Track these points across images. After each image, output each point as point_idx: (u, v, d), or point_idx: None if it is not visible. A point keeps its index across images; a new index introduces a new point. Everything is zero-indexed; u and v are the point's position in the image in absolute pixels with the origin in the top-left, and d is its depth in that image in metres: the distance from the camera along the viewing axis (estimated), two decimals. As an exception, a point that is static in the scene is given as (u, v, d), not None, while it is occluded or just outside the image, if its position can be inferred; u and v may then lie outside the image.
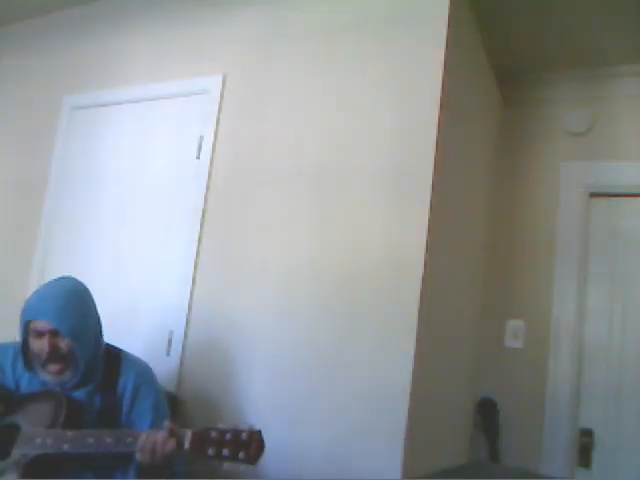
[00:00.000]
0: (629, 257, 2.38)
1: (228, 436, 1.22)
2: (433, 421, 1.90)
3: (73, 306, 1.47)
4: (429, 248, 1.73)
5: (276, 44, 2.15)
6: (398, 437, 1.62)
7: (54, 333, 1.42)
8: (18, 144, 2.84)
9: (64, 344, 1.42)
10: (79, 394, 1.47)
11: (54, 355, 1.42)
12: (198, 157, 2.20)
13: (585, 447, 2.29)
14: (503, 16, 2.21)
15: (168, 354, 2.06)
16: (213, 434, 1.23)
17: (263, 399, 1.86)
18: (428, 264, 1.73)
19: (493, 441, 2.36)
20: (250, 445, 1.21)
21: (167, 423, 1.30)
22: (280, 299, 1.91)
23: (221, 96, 2.21)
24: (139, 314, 2.18)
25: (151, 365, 1.65)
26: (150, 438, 1.27)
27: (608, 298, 2.39)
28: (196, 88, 2.29)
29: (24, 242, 2.61)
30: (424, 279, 1.70)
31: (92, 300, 1.57)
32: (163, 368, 1.98)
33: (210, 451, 1.22)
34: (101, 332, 1.57)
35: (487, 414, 2.41)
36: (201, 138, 2.21)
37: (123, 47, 2.57)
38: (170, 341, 2.07)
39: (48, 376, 1.44)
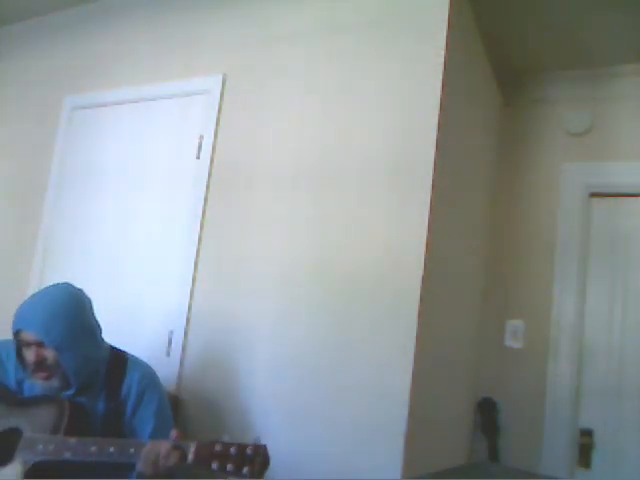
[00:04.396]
0: (629, 257, 2.38)
1: (233, 450, 1.19)
2: (433, 421, 1.90)
3: (60, 318, 1.44)
4: (429, 248, 1.73)
5: (276, 44, 2.15)
6: (398, 437, 1.62)
7: (39, 344, 1.42)
8: (18, 144, 2.84)
9: (50, 355, 1.42)
10: (82, 398, 1.46)
11: (39, 365, 1.42)
12: (198, 157, 2.20)
13: (585, 447, 2.29)
14: (503, 16, 2.21)
15: (168, 354, 2.06)
16: (217, 447, 1.20)
17: (262, 399, 1.86)
18: (428, 264, 1.72)
19: (493, 441, 2.36)
20: (255, 460, 1.18)
21: (173, 433, 1.27)
22: (280, 299, 1.91)
23: (221, 96, 2.21)
24: (139, 314, 2.18)
25: (151, 365, 1.64)
26: (153, 450, 1.25)
27: (608, 298, 2.39)
28: (196, 88, 2.29)
29: (24, 242, 2.61)
30: (424, 279, 1.70)
31: (86, 308, 1.53)
32: (163, 368, 1.97)
33: (214, 465, 1.18)
34: (98, 338, 1.55)
35: (487, 414, 2.41)
36: (201, 138, 2.21)
37: (123, 47, 2.57)
38: (170, 341, 2.07)
39: (38, 382, 1.44)
